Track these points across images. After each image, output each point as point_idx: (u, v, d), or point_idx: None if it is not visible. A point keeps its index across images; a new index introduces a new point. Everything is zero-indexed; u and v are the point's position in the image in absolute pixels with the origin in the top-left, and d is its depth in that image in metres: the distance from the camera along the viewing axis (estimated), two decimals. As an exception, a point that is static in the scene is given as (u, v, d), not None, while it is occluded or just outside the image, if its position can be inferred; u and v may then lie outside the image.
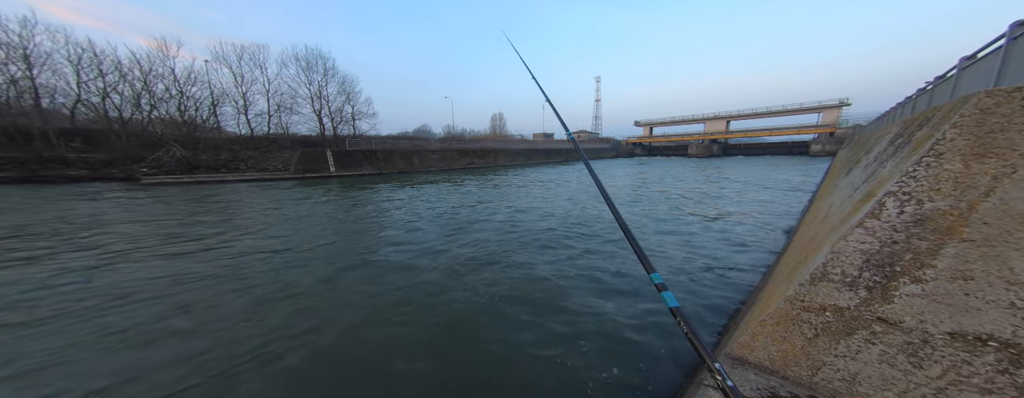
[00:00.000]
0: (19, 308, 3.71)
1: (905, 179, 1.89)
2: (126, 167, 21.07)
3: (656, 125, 62.42)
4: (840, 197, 3.81)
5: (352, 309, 3.75)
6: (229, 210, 10.36)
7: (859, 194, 2.89)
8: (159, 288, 4.23)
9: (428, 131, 55.65)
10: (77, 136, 22.49)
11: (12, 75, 21.29)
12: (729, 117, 51.89)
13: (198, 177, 20.95)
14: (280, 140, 28.20)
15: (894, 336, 1.59)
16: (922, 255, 1.64)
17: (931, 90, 6.26)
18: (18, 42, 21.17)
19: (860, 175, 3.83)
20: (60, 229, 7.63)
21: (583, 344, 3.03)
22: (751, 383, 1.77)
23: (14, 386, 2.52)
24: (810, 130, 43.41)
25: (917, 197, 1.78)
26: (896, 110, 9.70)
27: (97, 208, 10.57)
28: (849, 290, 1.80)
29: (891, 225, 1.83)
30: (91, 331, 3.25)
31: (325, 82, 30.23)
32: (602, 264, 5.04)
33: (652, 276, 0.77)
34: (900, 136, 3.39)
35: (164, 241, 6.62)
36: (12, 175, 18.31)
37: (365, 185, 18.23)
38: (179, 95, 25.63)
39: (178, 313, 3.59)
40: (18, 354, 2.88)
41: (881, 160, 3.27)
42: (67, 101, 23.70)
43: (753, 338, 2.01)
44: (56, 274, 4.81)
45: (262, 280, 4.53)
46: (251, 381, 2.59)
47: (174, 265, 5.14)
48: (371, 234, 7.29)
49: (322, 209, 10.51)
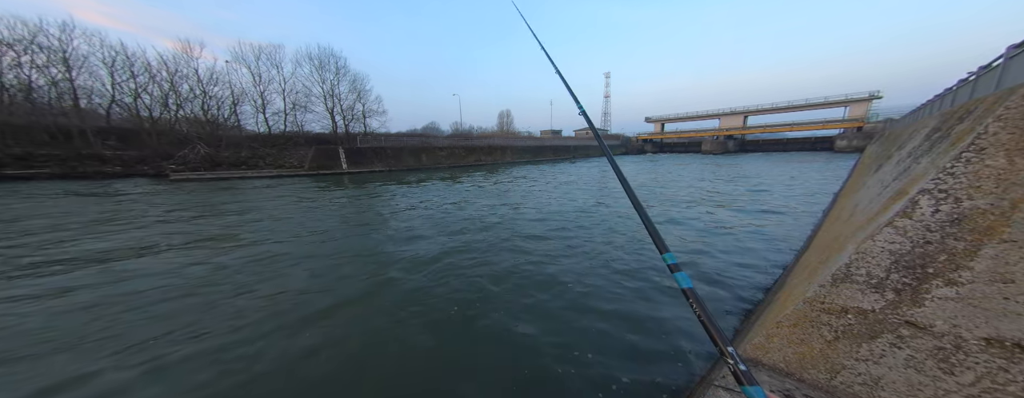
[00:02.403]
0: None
1: (942, 176, 1.77)
2: (156, 164, 22.27)
3: (668, 121, 60.70)
4: (867, 195, 3.61)
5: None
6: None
7: (890, 192, 2.73)
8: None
9: (436, 128, 55.98)
10: (112, 134, 23.90)
11: (53, 77, 22.78)
12: (747, 112, 49.85)
13: (220, 174, 21.93)
14: (295, 138, 29.07)
15: (923, 341, 1.51)
16: (958, 256, 1.54)
17: (974, 81, 5.80)
18: (58, 46, 22.59)
19: (891, 172, 3.61)
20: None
21: (600, 327, 3.03)
22: (765, 385, 1.72)
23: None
24: (835, 125, 41.17)
25: (955, 195, 1.67)
26: (934, 102, 9.06)
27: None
28: (874, 292, 1.72)
29: (925, 224, 1.72)
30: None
31: (337, 80, 30.89)
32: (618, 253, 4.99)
33: (665, 256, 0.72)
34: (938, 130, 3.17)
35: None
36: (54, 171, 19.68)
37: (380, 182, 18.60)
38: (202, 95, 26.80)
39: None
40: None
41: (915, 156, 3.08)
42: (103, 101, 25.19)
43: (768, 339, 1.95)
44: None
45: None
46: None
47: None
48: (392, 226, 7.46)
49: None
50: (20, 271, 4.87)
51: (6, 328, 3.32)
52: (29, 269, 4.95)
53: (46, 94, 22.76)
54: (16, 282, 4.47)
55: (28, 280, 4.54)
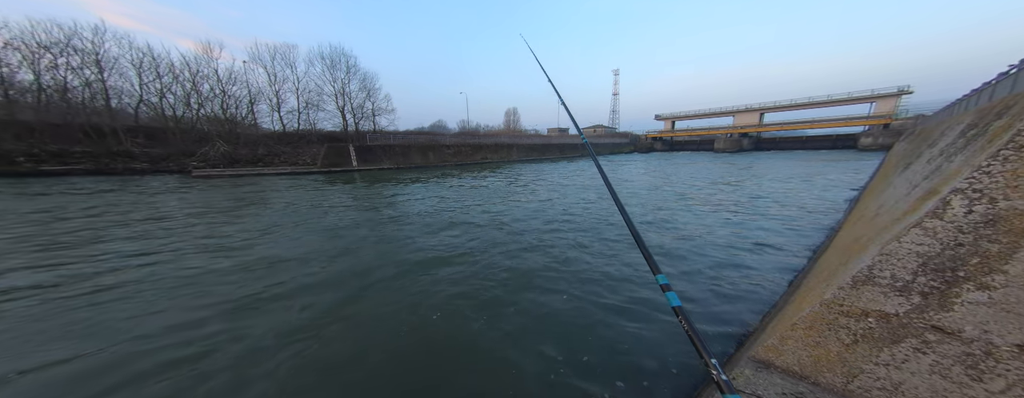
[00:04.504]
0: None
1: (977, 175, 1.67)
2: (179, 161, 23.31)
3: (679, 118, 59.10)
4: (894, 195, 3.44)
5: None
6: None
7: (919, 191, 2.60)
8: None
9: (443, 126, 56.22)
10: (140, 132, 25.12)
11: (87, 78, 24.06)
12: (763, 109, 48.04)
13: (239, 170, 22.75)
14: (308, 135, 29.84)
15: (950, 346, 1.44)
16: (992, 259, 1.46)
17: (1015, 75, 5.41)
18: (91, 48, 23.82)
19: (921, 171, 3.43)
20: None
21: (600, 334, 3.02)
22: (776, 387, 1.69)
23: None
24: (859, 122, 39.23)
25: (990, 195, 1.58)
26: (970, 97, 8.51)
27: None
28: (899, 295, 1.65)
29: (956, 225, 1.64)
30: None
31: (348, 79, 31.48)
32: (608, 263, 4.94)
33: (657, 277, 0.82)
34: (974, 127, 2.99)
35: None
36: (88, 167, 20.87)
37: (390, 180, 18.91)
38: (222, 94, 27.78)
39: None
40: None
41: (948, 154, 2.91)
42: (131, 101, 26.48)
43: (781, 341, 1.90)
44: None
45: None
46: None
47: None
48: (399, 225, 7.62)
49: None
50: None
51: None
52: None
53: (80, 94, 24.08)
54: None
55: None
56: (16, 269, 4.84)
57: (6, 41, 21.52)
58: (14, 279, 4.46)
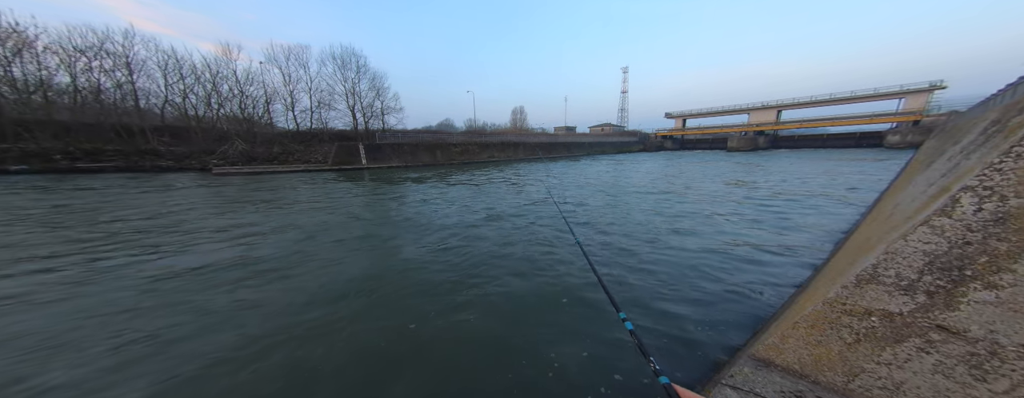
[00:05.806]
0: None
1: (988, 172, 1.62)
2: (201, 159, 24.38)
3: (690, 116, 57.49)
4: (911, 194, 3.32)
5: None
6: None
7: (933, 190, 2.51)
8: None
9: (451, 125, 56.50)
10: (165, 132, 26.40)
11: (118, 80, 25.42)
12: (780, 106, 46.30)
13: (255, 168, 23.62)
14: (320, 134, 30.65)
15: (955, 346, 1.42)
16: (1000, 258, 1.43)
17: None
18: (121, 51, 25.13)
19: (940, 169, 3.30)
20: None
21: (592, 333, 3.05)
22: (776, 386, 1.69)
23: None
24: (886, 118, 37.33)
25: (1001, 192, 1.54)
26: (1005, 92, 8.02)
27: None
28: (903, 295, 1.62)
29: (965, 224, 1.60)
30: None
31: (358, 78, 32.11)
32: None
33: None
34: (996, 123, 2.86)
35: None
36: (118, 164, 22.10)
37: (399, 178, 19.24)
38: (240, 94, 28.86)
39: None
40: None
41: (967, 151, 2.79)
42: (157, 102, 27.82)
43: (782, 340, 1.90)
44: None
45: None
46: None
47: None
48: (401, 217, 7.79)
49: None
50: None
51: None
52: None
53: (112, 95, 25.47)
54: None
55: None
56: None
57: (45, 45, 22.96)
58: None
